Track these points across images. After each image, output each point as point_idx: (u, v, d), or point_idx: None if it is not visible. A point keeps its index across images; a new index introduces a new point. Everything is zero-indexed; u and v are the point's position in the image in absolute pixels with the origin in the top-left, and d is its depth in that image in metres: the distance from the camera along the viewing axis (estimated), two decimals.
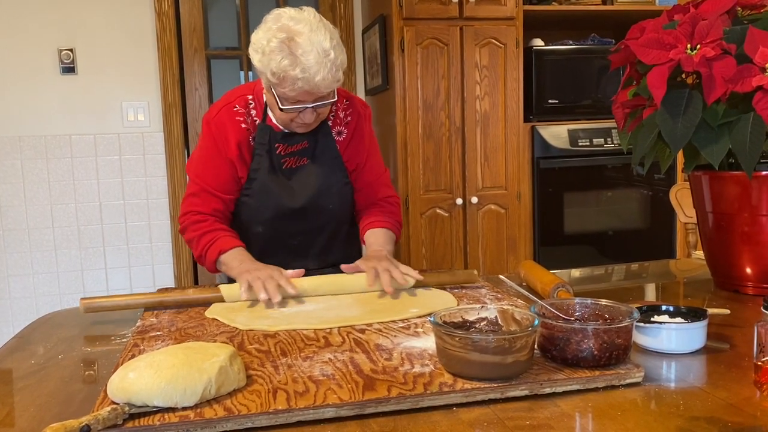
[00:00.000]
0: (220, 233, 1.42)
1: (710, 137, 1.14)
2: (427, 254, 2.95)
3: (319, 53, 1.26)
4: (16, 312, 3.10)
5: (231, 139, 1.44)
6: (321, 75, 1.26)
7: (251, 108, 1.46)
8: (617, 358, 0.84)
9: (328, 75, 1.27)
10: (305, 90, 1.29)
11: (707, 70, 1.11)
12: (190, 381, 0.75)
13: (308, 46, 1.26)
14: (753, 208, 1.22)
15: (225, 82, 3.47)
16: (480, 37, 2.91)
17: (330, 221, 1.55)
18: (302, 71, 1.26)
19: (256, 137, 1.45)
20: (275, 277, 1.23)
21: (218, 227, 1.44)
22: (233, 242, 1.41)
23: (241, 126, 1.45)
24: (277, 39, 1.27)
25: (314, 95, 1.31)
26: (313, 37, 1.27)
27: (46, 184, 3.09)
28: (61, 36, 3.04)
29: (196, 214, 1.45)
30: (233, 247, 1.39)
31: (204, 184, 1.46)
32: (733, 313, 1.11)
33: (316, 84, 1.27)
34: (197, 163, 1.48)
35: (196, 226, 1.44)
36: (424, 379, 0.81)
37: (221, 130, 1.44)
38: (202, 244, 1.42)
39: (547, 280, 1.25)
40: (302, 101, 1.32)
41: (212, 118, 1.46)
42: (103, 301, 1.21)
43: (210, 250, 1.40)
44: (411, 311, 1.13)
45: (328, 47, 1.28)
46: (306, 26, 1.28)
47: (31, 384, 0.90)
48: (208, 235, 1.42)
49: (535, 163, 3.05)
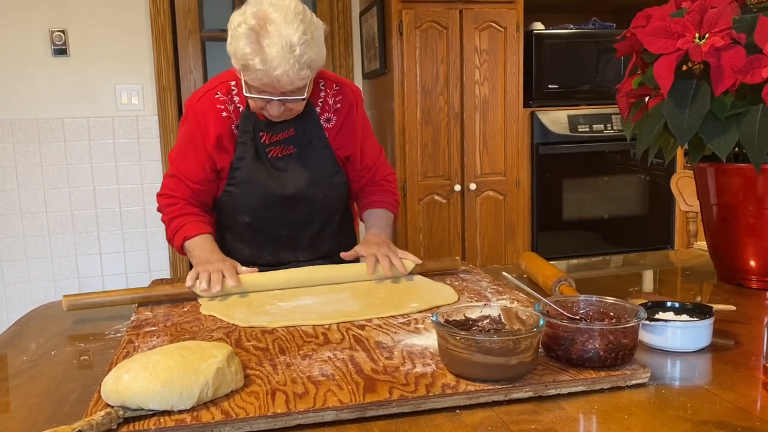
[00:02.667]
0: (188, 218, 1.42)
1: (718, 129, 1.11)
2: (424, 241, 2.93)
3: (284, 47, 1.20)
4: (10, 297, 3.08)
5: (211, 129, 1.39)
6: (281, 69, 1.20)
7: (234, 95, 1.40)
8: (623, 359, 0.82)
9: (290, 71, 1.21)
10: (265, 82, 1.24)
11: (716, 60, 1.08)
12: (186, 383, 0.73)
13: (275, 37, 1.20)
14: (759, 200, 1.20)
15: (220, 65, 3.42)
16: (480, 20, 2.87)
17: (320, 212, 1.51)
18: (262, 62, 1.21)
19: (240, 125, 1.40)
20: (223, 270, 1.25)
21: (188, 211, 1.44)
22: (199, 228, 1.40)
23: (221, 115, 1.39)
24: (247, 25, 1.22)
25: (278, 88, 1.25)
26: (283, 29, 1.20)
27: (38, 168, 3.05)
28: (52, 17, 2.98)
29: (168, 197, 1.46)
30: (197, 234, 1.39)
31: (177, 170, 1.45)
32: (738, 308, 1.09)
33: (276, 77, 1.22)
34: (177, 152, 1.47)
35: (168, 210, 1.45)
36: (426, 380, 0.79)
37: (200, 120, 1.40)
38: (171, 228, 1.43)
39: (548, 273, 1.23)
40: (267, 92, 1.27)
41: (193, 105, 1.41)
42: (86, 298, 1.18)
43: (177, 236, 1.41)
44: (411, 306, 1.11)
45: (296, 42, 1.20)
46: (281, 15, 1.22)
47: (24, 383, 0.88)
48: (177, 219, 1.42)
49: (534, 149, 3.03)
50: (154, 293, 1.21)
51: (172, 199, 1.45)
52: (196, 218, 1.43)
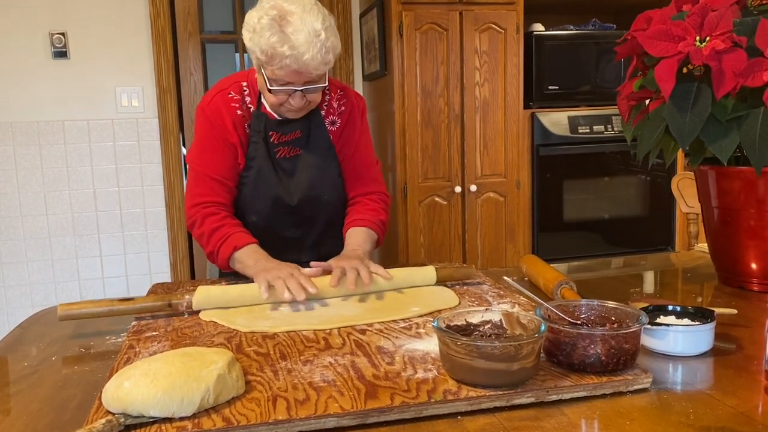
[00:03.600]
0: (233, 228, 1.37)
1: (719, 132, 1.11)
2: (425, 243, 2.93)
3: (310, 32, 1.24)
4: (11, 299, 3.08)
5: (228, 122, 1.41)
6: (310, 54, 1.24)
7: (246, 95, 1.43)
8: (625, 364, 0.82)
9: (318, 55, 1.25)
10: (293, 69, 1.26)
11: (717, 63, 1.08)
12: (187, 390, 0.73)
13: (299, 25, 1.24)
14: (760, 203, 1.19)
15: (220, 67, 3.42)
16: (480, 22, 2.86)
17: (324, 213, 1.52)
18: (290, 48, 1.24)
19: (252, 124, 1.42)
20: (295, 276, 1.18)
21: (230, 222, 1.39)
22: (247, 238, 1.35)
23: (236, 112, 1.42)
24: (268, 16, 1.25)
25: (303, 77, 1.28)
26: (305, 17, 1.25)
27: (39, 171, 3.05)
28: (52, 19, 2.97)
29: (206, 206, 1.39)
30: (247, 244, 1.34)
31: (207, 170, 1.41)
32: (739, 311, 1.09)
33: (305, 63, 1.25)
34: (197, 151, 1.44)
35: (208, 220, 1.38)
36: (427, 386, 0.79)
37: (217, 115, 1.41)
38: (215, 240, 1.36)
39: (549, 276, 1.23)
40: (291, 83, 1.30)
41: (207, 105, 1.43)
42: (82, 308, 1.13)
43: (223, 247, 1.34)
44: (412, 310, 1.11)
45: (320, 28, 1.26)
46: (299, 7, 1.27)
47: (24, 389, 0.88)
48: (221, 230, 1.36)
49: (534, 151, 3.02)
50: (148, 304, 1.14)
51: (211, 206, 1.39)
52: (240, 228, 1.38)
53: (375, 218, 1.49)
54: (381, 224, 1.50)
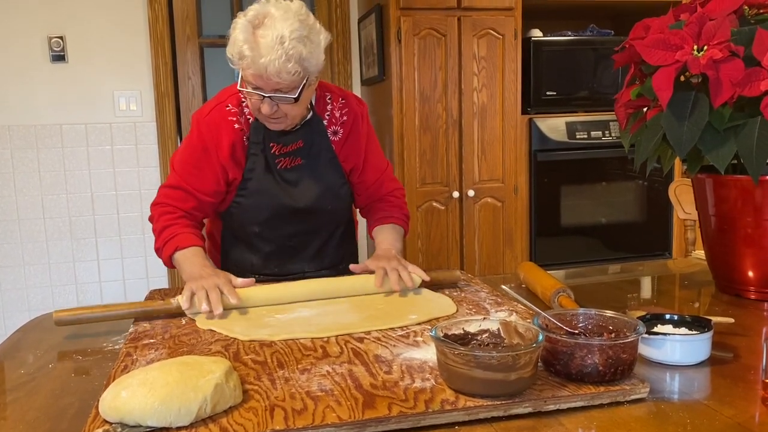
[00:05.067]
0: (181, 229, 1.37)
1: (716, 141, 1.11)
2: (423, 248, 2.93)
3: (275, 38, 1.22)
4: (7, 303, 3.07)
5: (224, 140, 1.39)
6: (267, 58, 1.22)
7: (244, 106, 1.42)
8: (622, 373, 0.82)
9: (276, 61, 1.22)
10: (254, 72, 1.25)
11: (714, 72, 1.08)
12: (184, 400, 0.73)
13: (269, 29, 1.23)
14: (757, 211, 1.20)
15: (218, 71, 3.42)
16: (478, 27, 2.87)
17: (327, 223, 1.53)
18: (250, 49, 1.23)
19: (251, 136, 1.41)
20: (220, 286, 1.18)
21: (182, 222, 1.39)
22: (192, 240, 1.35)
23: (234, 126, 1.40)
24: (246, 18, 1.26)
25: (267, 82, 1.26)
26: (278, 23, 1.24)
27: (36, 174, 3.04)
28: (50, 23, 2.97)
29: (165, 206, 1.41)
30: (190, 246, 1.34)
31: (185, 182, 1.41)
32: (736, 320, 1.09)
33: (262, 66, 1.23)
34: (183, 160, 1.43)
35: (162, 218, 1.39)
36: (425, 396, 0.79)
37: (213, 132, 1.40)
38: (162, 238, 1.37)
39: (547, 284, 1.23)
40: (259, 88, 1.28)
41: (203, 118, 1.41)
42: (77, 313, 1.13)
43: (167, 246, 1.35)
44: (410, 317, 1.11)
45: (286, 35, 1.22)
46: (281, 13, 1.25)
47: (21, 397, 0.88)
48: (170, 229, 1.37)
49: (532, 156, 3.03)
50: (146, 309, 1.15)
51: (169, 207, 1.41)
52: (190, 230, 1.38)
53: (400, 213, 1.55)
54: (406, 218, 1.56)
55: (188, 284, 1.20)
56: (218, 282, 1.19)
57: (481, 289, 1.31)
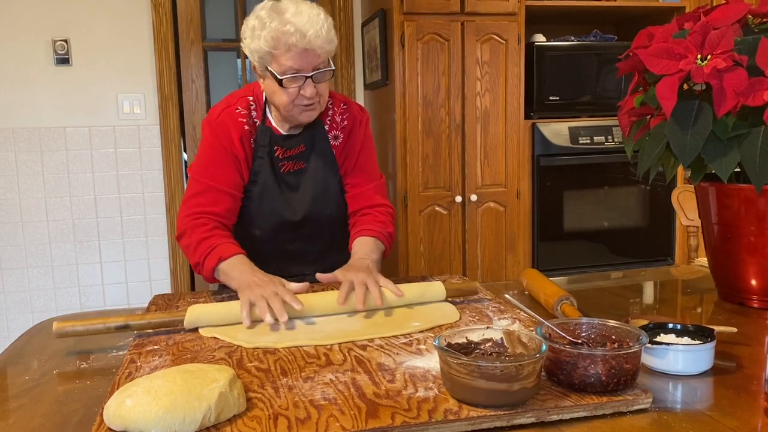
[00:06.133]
0: (220, 239, 1.34)
1: (719, 150, 1.12)
2: (425, 252, 2.93)
3: (310, 15, 1.29)
4: (10, 306, 3.07)
5: (235, 137, 1.42)
6: (313, 29, 1.28)
7: (252, 109, 1.45)
8: (625, 384, 0.82)
9: (321, 31, 1.29)
10: (300, 49, 1.28)
11: (718, 82, 1.08)
12: (189, 409, 0.73)
13: (296, 9, 1.29)
14: (760, 220, 1.20)
15: (222, 75, 3.43)
16: (481, 32, 2.87)
17: (327, 227, 1.53)
18: (294, 26, 1.27)
19: (257, 139, 1.44)
20: (280, 293, 1.14)
21: (219, 233, 1.36)
22: (234, 249, 1.32)
23: (244, 128, 1.43)
24: (265, 9, 1.30)
25: (310, 59, 1.30)
26: (300, 5, 1.31)
27: (40, 177, 3.05)
28: (55, 26, 2.99)
29: (197, 217, 1.36)
30: (234, 255, 1.31)
31: (212, 181, 1.40)
32: (739, 329, 1.09)
33: (310, 38, 1.28)
34: (203, 163, 1.42)
35: (197, 231, 1.34)
36: (428, 405, 0.79)
37: (224, 130, 1.42)
38: (201, 250, 1.33)
39: (550, 291, 1.23)
40: (300, 69, 1.31)
41: (214, 120, 1.44)
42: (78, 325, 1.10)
43: (209, 258, 1.31)
44: (413, 325, 1.11)
45: (317, 11, 1.32)
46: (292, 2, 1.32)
47: (26, 404, 0.88)
48: (208, 240, 1.33)
49: (535, 161, 3.03)
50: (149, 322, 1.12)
51: (204, 218, 1.36)
52: (228, 240, 1.35)
53: (383, 230, 1.46)
54: (389, 236, 1.47)
55: (243, 293, 1.15)
56: (276, 289, 1.15)
57: (484, 296, 1.31)
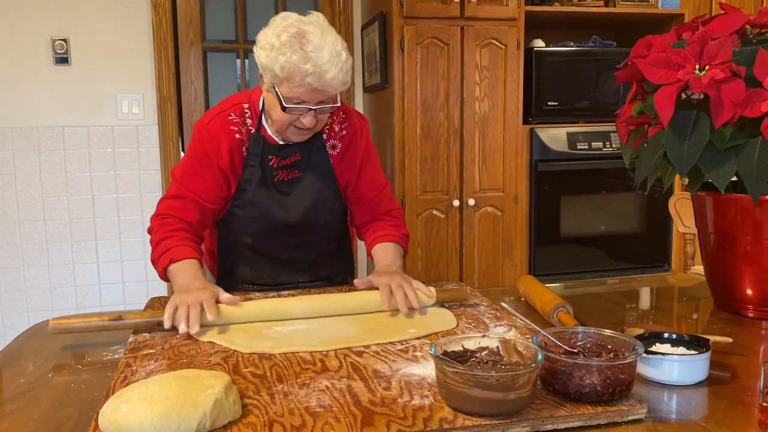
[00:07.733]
0: (177, 242, 1.35)
1: (716, 160, 1.12)
2: (422, 256, 2.93)
3: (332, 52, 1.25)
4: (6, 305, 3.07)
5: (223, 147, 1.40)
6: (332, 73, 1.25)
7: (246, 117, 1.42)
8: (620, 394, 0.82)
9: (339, 74, 1.26)
10: (313, 87, 1.26)
11: (716, 92, 1.09)
12: (184, 415, 0.73)
13: (320, 43, 1.25)
14: (756, 230, 1.20)
15: (221, 75, 3.43)
16: (481, 37, 2.88)
17: (320, 237, 1.52)
18: (313, 66, 1.24)
19: (249, 148, 1.41)
20: (204, 302, 1.14)
21: (179, 235, 1.37)
22: (187, 253, 1.33)
23: (234, 136, 1.41)
24: (288, 34, 1.25)
25: (320, 95, 1.29)
26: (325, 36, 1.27)
27: (37, 176, 3.05)
28: (54, 26, 2.98)
29: (165, 217, 1.40)
30: (184, 259, 1.31)
31: (187, 190, 1.41)
32: (734, 338, 1.10)
33: (327, 81, 1.25)
34: (184, 168, 1.43)
35: (161, 230, 1.38)
36: (423, 414, 0.79)
37: (213, 138, 1.40)
38: (158, 250, 1.35)
39: (546, 299, 1.23)
40: (306, 102, 1.29)
41: (205, 125, 1.42)
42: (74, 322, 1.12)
43: (162, 258, 1.33)
44: (409, 332, 1.11)
45: (340, 48, 1.28)
46: (317, 28, 1.28)
47: (20, 407, 0.88)
48: (166, 241, 1.35)
49: (533, 166, 3.03)
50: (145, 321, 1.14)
51: (169, 219, 1.39)
52: (186, 243, 1.36)
53: (399, 233, 1.51)
54: (405, 237, 1.53)
55: (173, 298, 1.17)
56: (202, 297, 1.16)
57: (481, 303, 1.31)
